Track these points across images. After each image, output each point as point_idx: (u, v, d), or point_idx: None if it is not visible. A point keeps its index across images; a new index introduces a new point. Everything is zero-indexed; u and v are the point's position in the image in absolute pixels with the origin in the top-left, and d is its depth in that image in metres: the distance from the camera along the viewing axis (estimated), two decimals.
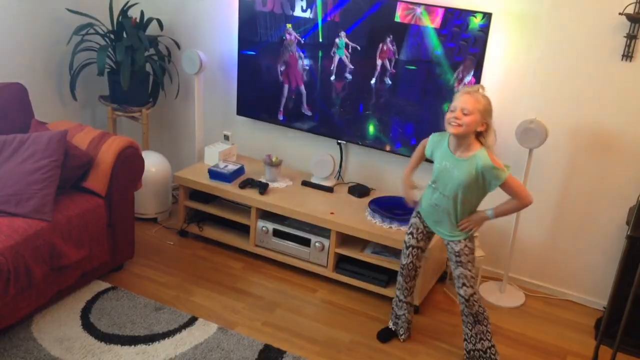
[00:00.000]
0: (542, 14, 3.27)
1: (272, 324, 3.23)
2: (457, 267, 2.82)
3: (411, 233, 2.96)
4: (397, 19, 3.36)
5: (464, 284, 2.81)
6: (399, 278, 3.05)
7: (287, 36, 3.49)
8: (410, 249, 2.96)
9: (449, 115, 2.64)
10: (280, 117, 3.84)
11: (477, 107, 2.58)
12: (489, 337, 2.89)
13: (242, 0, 3.75)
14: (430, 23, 3.26)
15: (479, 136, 2.66)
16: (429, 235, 2.96)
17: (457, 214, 2.77)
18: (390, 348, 3.12)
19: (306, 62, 3.68)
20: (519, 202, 2.73)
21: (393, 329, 3.18)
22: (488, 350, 2.90)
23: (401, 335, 3.15)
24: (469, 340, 2.91)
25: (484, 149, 2.64)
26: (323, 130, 3.86)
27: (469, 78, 3.30)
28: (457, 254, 2.81)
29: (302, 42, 3.58)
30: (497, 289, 3.66)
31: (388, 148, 3.66)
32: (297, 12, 3.49)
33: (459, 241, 2.80)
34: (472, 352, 2.93)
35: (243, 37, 3.80)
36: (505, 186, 2.67)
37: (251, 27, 3.60)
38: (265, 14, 3.49)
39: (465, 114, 2.59)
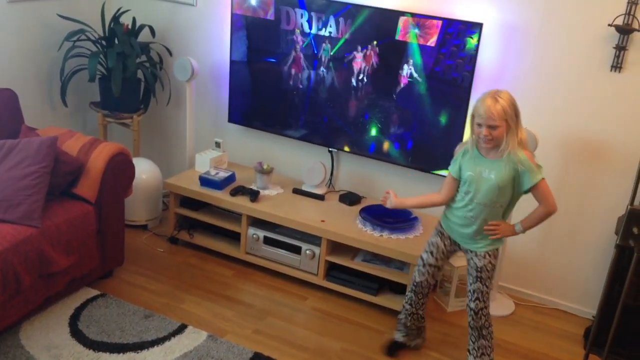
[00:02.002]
0: (533, 25, 3.30)
1: (262, 331, 3.21)
2: (476, 282, 2.80)
3: (431, 252, 2.92)
4: (397, 36, 3.47)
5: (477, 298, 2.80)
6: (411, 295, 3.00)
7: (295, 38, 3.75)
8: (428, 267, 2.93)
9: (477, 131, 2.63)
10: (300, 85, 3.88)
11: (502, 117, 2.57)
12: (489, 353, 2.87)
13: (248, 17, 3.84)
14: (427, 42, 3.40)
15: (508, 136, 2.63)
16: (448, 255, 2.94)
17: (490, 220, 2.74)
18: (381, 357, 3.11)
19: (306, 67, 3.79)
20: (545, 209, 2.70)
21: (401, 341, 3.13)
22: None
23: (412, 344, 3.13)
24: (471, 353, 2.90)
25: (521, 149, 2.63)
26: (314, 138, 3.88)
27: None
28: (479, 269, 2.79)
29: (311, 53, 3.74)
30: None
31: (386, 146, 3.68)
32: (314, 30, 3.68)
33: (484, 257, 2.79)
34: None
35: (264, 48, 3.87)
36: (537, 188, 2.64)
37: (274, 40, 3.82)
38: (287, 31, 3.75)
39: (492, 128, 2.58)
